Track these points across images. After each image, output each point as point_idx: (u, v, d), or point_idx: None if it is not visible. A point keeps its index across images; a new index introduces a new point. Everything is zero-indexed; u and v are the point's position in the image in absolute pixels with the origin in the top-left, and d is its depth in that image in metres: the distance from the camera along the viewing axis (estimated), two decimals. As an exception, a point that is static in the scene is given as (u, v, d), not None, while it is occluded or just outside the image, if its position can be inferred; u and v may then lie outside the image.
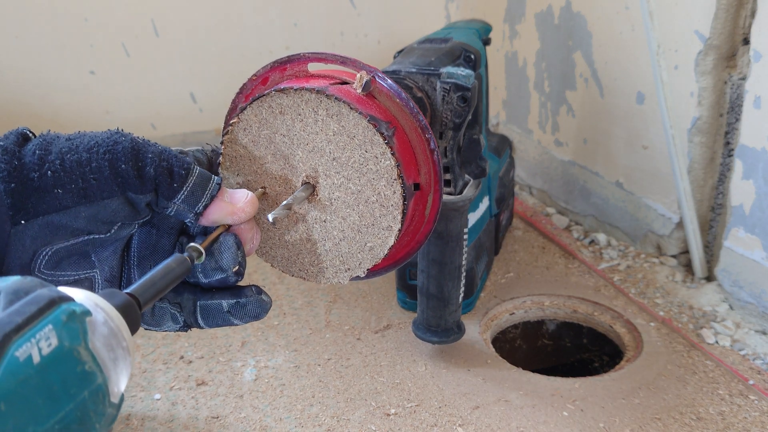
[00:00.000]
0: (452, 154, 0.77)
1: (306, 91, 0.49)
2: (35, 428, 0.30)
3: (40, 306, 0.32)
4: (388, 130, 0.50)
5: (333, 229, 0.53)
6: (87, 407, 0.33)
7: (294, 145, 0.51)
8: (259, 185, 0.53)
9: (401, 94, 0.52)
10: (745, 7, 0.86)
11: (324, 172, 0.51)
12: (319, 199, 0.52)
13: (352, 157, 0.50)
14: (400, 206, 0.51)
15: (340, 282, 0.55)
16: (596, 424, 0.73)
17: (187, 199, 0.46)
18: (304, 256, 0.55)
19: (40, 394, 0.31)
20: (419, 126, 0.52)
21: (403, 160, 0.51)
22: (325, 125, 0.50)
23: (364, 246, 0.53)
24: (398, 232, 0.52)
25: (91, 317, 0.35)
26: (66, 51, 1.30)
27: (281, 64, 0.53)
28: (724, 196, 0.94)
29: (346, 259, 0.54)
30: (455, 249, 0.78)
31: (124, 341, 0.37)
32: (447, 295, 0.79)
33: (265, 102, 0.50)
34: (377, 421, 0.74)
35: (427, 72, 0.73)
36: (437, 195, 0.55)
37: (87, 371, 0.33)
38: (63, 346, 0.32)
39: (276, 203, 0.54)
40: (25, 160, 0.43)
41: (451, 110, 0.73)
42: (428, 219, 0.57)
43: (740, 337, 0.86)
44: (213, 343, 0.88)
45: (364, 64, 0.52)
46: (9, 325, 0.30)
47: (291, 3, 1.41)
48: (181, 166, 0.46)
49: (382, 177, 0.50)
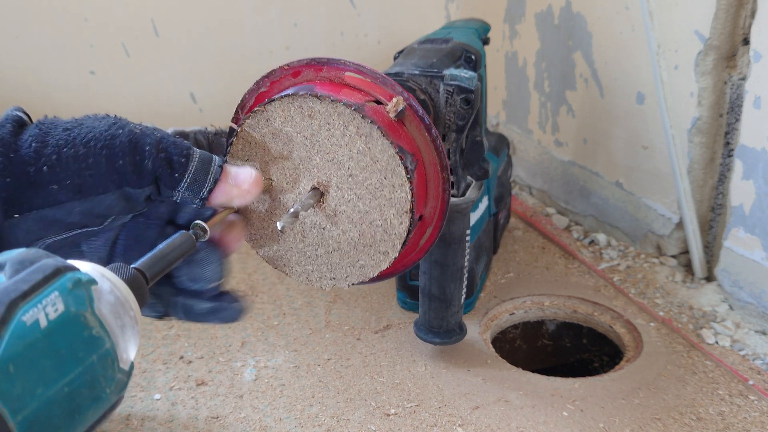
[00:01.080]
0: (455, 156, 0.77)
1: (343, 105, 0.48)
2: (44, 390, 0.31)
3: (46, 274, 0.33)
4: (411, 164, 0.50)
5: (329, 238, 0.53)
6: (96, 371, 0.33)
7: (314, 150, 0.50)
8: (267, 176, 0.53)
9: (431, 129, 0.51)
10: (745, 7, 0.86)
11: (336, 184, 0.51)
12: (324, 208, 0.52)
13: (369, 179, 0.50)
14: (403, 237, 0.51)
15: (322, 287, 0.55)
16: (596, 425, 0.73)
17: (190, 186, 0.45)
18: (292, 255, 0.55)
19: (48, 357, 0.31)
20: (440, 163, 0.52)
21: (417, 193, 0.51)
22: (352, 142, 0.49)
23: (356, 262, 0.53)
24: (393, 259, 0.52)
25: (96, 286, 0.35)
26: (66, 51, 1.30)
27: (319, 64, 0.52)
28: (724, 196, 0.94)
29: (334, 269, 0.54)
30: (458, 250, 0.78)
31: (131, 310, 0.37)
32: (449, 296, 0.79)
33: (296, 101, 0.49)
34: (377, 422, 0.74)
35: (430, 74, 0.73)
36: (437, 228, 0.55)
37: (94, 336, 0.34)
38: (69, 312, 0.33)
39: (277, 199, 0.53)
40: (21, 153, 0.42)
41: (455, 112, 0.73)
42: (421, 248, 0.57)
43: (740, 337, 0.86)
44: (213, 344, 0.88)
45: (402, 89, 0.51)
46: (15, 292, 0.31)
47: (291, 3, 1.41)
48: (180, 154, 0.45)
49: (393, 206, 0.50)
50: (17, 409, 0.29)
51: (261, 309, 0.95)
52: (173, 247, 0.42)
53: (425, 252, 0.56)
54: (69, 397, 0.32)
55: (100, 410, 0.34)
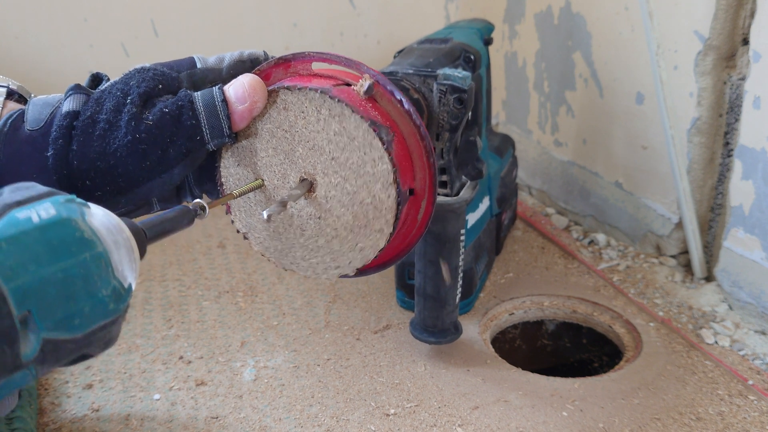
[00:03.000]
0: (449, 155, 0.77)
1: (311, 91, 0.50)
2: (36, 268, 0.33)
3: (41, 192, 0.36)
4: (387, 135, 0.50)
5: (326, 226, 0.53)
6: (90, 268, 0.36)
7: (295, 142, 0.52)
8: (258, 177, 0.54)
9: (403, 101, 0.52)
10: (744, 7, 0.86)
11: (322, 171, 0.52)
12: (316, 197, 0.53)
13: (350, 158, 0.51)
14: (394, 210, 0.51)
15: (329, 279, 0.55)
16: (596, 425, 0.73)
17: (213, 136, 0.50)
18: (296, 250, 0.55)
19: (40, 245, 0.34)
20: (418, 133, 0.53)
21: (400, 165, 0.51)
22: (327, 125, 0.50)
23: (356, 246, 0.53)
24: (389, 235, 0.52)
25: (89, 209, 0.38)
26: (66, 51, 1.30)
27: (285, 61, 0.54)
28: (724, 196, 0.94)
29: (337, 257, 0.54)
30: (452, 250, 0.78)
31: (125, 232, 0.39)
32: (444, 295, 0.79)
33: (270, 97, 0.51)
34: (377, 422, 0.74)
35: (423, 73, 0.73)
36: (430, 201, 0.55)
37: (86, 238, 0.36)
38: (61, 215, 0.35)
39: (273, 196, 0.54)
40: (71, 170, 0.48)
41: (448, 112, 0.73)
42: (420, 223, 0.57)
43: (740, 337, 0.86)
44: (212, 344, 0.88)
45: (368, 67, 0.52)
46: (10, 200, 0.34)
47: (290, 3, 1.41)
48: (187, 117, 0.49)
49: (378, 180, 0.51)
50: (10, 278, 0.32)
51: (261, 309, 0.96)
52: (173, 216, 0.45)
53: (425, 226, 0.56)
54: (63, 282, 0.34)
55: (98, 312, 0.36)
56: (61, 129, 0.47)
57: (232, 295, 0.99)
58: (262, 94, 0.50)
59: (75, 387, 0.81)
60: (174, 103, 0.48)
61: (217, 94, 0.49)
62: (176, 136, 0.48)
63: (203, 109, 0.49)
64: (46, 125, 0.48)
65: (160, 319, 0.94)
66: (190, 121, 0.48)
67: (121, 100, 0.48)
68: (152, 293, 1.00)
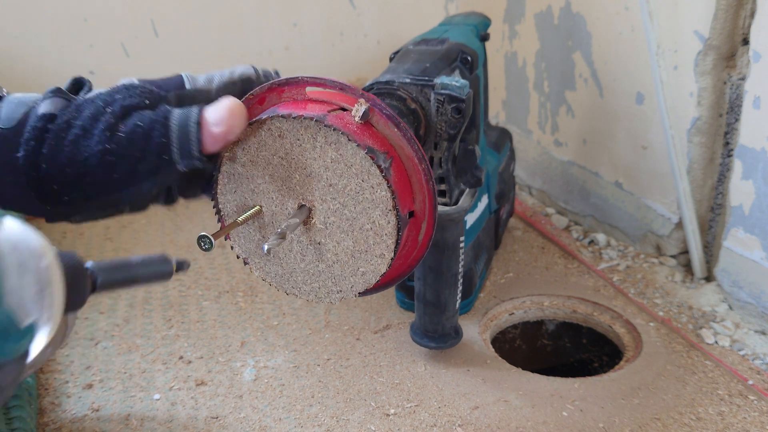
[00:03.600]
0: (447, 164, 0.76)
1: (306, 119, 0.49)
2: None
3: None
4: (385, 162, 0.50)
5: (327, 252, 0.53)
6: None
7: (291, 169, 0.51)
8: (256, 204, 0.54)
9: (400, 124, 0.52)
10: (744, 7, 0.86)
11: (320, 197, 0.52)
12: (315, 223, 0.53)
13: (348, 185, 0.50)
14: (394, 236, 0.51)
15: (331, 302, 0.55)
16: (596, 425, 0.73)
17: (182, 156, 0.47)
18: (297, 275, 0.55)
19: None
20: (416, 156, 0.52)
21: (398, 189, 0.51)
22: (323, 152, 0.50)
23: (357, 271, 0.53)
24: (391, 260, 0.52)
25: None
26: (66, 51, 1.30)
27: (279, 86, 0.53)
28: (724, 196, 0.94)
29: (339, 282, 0.54)
30: (452, 257, 0.78)
31: (44, 260, 0.32)
32: (444, 301, 0.79)
33: (264, 125, 0.51)
34: (377, 422, 0.74)
35: (420, 83, 0.71)
36: (431, 223, 0.55)
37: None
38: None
39: (271, 222, 0.54)
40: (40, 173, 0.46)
41: (446, 121, 0.71)
42: (421, 245, 0.57)
43: (739, 337, 0.86)
44: (212, 344, 0.88)
45: (363, 91, 0.52)
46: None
47: (290, 3, 1.41)
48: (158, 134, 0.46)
49: (377, 207, 0.50)
50: None
51: (261, 309, 0.96)
52: (143, 264, 0.41)
53: (426, 247, 0.56)
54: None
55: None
56: (35, 130, 0.46)
57: (232, 295, 0.99)
58: (240, 120, 0.49)
59: (75, 387, 0.81)
60: (149, 118, 0.47)
61: (193, 115, 0.47)
62: (146, 151, 0.46)
63: (176, 127, 0.47)
64: (18, 124, 0.46)
65: (160, 319, 0.94)
66: (161, 138, 0.46)
67: (101, 110, 0.46)
68: (152, 293, 1.00)
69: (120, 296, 1.00)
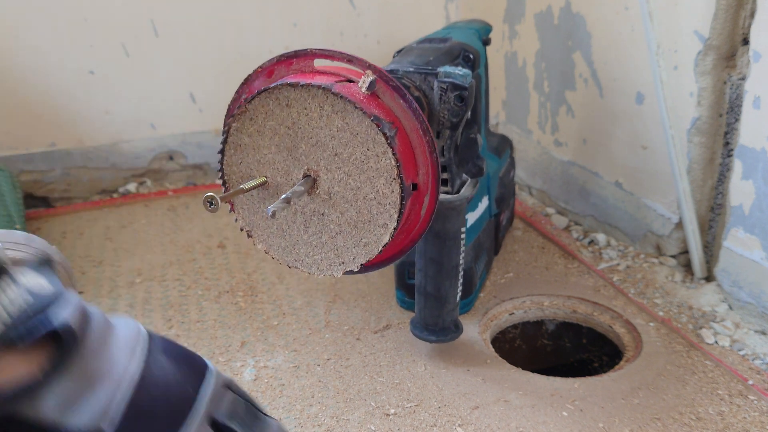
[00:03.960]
0: (449, 153, 0.77)
1: (313, 87, 0.50)
2: None
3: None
4: (390, 131, 0.51)
5: (330, 222, 0.54)
6: None
7: (298, 138, 0.52)
8: (261, 174, 0.54)
9: (405, 96, 0.52)
10: (744, 7, 0.86)
11: (325, 167, 0.52)
12: (319, 193, 0.53)
13: (353, 153, 0.51)
14: (398, 205, 0.52)
15: (334, 274, 0.55)
16: (596, 425, 0.73)
17: None
18: (300, 247, 0.55)
19: None
20: (421, 128, 0.53)
21: (403, 160, 0.52)
22: (330, 121, 0.51)
23: (360, 241, 0.53)
24: (393, 230, 0.52)
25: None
26: (66, 51, 1.30)
27: (288, 58, 0.54)
28: (724, 196, 0.94)
29: (341, 253, 0.55)
30: (452, 248, 0.78)
31: None
32: (444, 294, 0.79)
33: (272, 94, 0.51)
34: (377, 422, 0.74)
35: (424, 71, 0.73)
36: (433, 196, 0.55)
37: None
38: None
39: (277, 193, 0.54)
40: None
41: (449, 109, 0.73)
42: (423, 219, 0.57)
43: (740, 337, 0.86)
44: (212, 343, 0.88)
45: (370, 63, 0.52)
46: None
47: (290, 3, 1.41)
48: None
49: (381, 175, 0.51)
50: None
51: (261, 309, 0.96)
52: None
53: (428, 221, 0.57)
54: None
55: None
56: None
57: (232, 295, 0.99)
58: None
59: (75, 387, 0.81)
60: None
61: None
62: None
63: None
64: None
65: (160, 319, 0.94)
66: None
67: None
68: (152, 293, 1.00)
69: (120, 296, 1.00)
